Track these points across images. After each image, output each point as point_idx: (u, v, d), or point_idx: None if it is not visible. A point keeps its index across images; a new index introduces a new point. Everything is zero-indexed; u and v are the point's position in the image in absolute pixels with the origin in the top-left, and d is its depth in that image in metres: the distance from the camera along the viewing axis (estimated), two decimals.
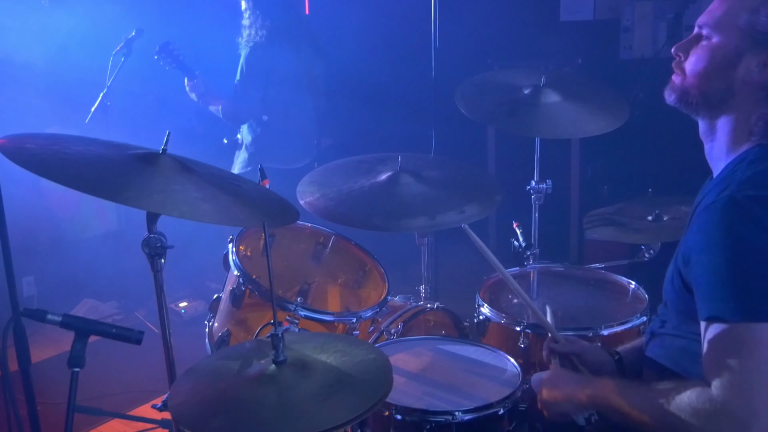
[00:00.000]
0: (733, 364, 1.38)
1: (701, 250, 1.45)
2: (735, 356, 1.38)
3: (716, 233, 1.42)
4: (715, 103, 1.57)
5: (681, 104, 1.62)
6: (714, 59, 1.55)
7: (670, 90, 1.64)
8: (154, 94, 4.51)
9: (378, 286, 2.60)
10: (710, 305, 1.42)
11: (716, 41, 1.55)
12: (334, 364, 1.54)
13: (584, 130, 2.69)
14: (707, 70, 1.56)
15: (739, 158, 1.54)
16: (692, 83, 1.59)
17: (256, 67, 3.63)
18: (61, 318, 1.82)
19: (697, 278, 1.46)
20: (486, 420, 1.80)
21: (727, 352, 1.39)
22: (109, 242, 4.50)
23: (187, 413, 1.45)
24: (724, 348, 1.40)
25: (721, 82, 1.55)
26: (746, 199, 1.42)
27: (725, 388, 1.38)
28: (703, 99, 1.58)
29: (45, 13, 4.20)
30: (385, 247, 2.85)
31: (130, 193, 1.60)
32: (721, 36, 1.54)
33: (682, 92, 1.61)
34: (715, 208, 1.44)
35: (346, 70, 4.45)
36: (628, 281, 2.62)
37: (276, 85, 3.68)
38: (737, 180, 1.47)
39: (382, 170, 2.45)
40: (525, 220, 2.81)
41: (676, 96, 1.62)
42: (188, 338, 3.07)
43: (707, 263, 1.43)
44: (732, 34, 1.53)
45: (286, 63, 3.69)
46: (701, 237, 1.45)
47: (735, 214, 1.41)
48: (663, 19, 4.46)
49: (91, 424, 3.18)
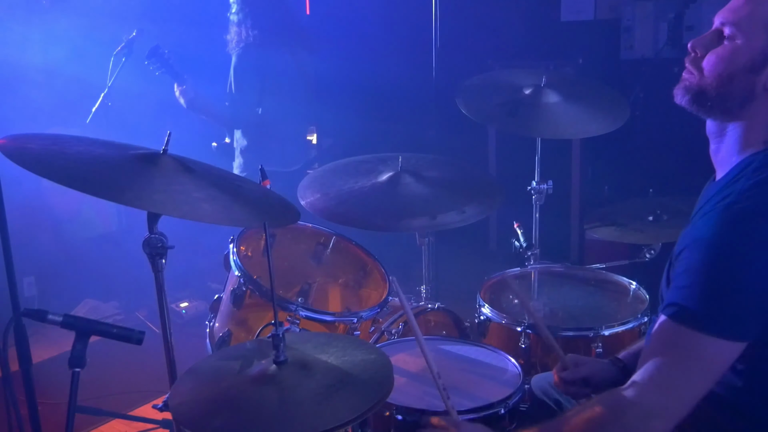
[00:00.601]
0: (669, 363, 1.43)
1: (689, 252, 1.45)
2: (674, 357, 1.43)
3: (706, 240, 1.42)
4: (733, 106, 1.50)
5: (695, 105, 1.54)
6: (738, 62, 1.47)
7: (683, 90, 1.55)
8: (155, 94, 4.50)
9: (379, 286, 2.60)
10: (677, 305, 1.44)
11: (741, 43, 1.47)
12: (335, 364, 1.54)
13: (585, 130, 2.69)
14: (730, 73, 1.48)
15: (745, 163, 1.50)
16: (711, 84, 1.51)
17: (250, 69, 3.54)
18: (62, 318, 1.82)
19: (676, 276, 1.47)
20: (487, 420, 1.80)
21: (669, 350, 1.43)
22: (109, 242, 4.50)
23: (188, 413, 1.45)
24: (667, 345, 1.44)
25: (743, 85, 1.48)
26: (742, 212, 1.41)
27: (649, 381, 1.44)
28: (720, 101, 1.51)
29: (45, 13, 4.20)
30: (385, 247, 2.85)
31: (130, 194, 1.60)
32: (747, 38, 1.47)
33: (699, 92, 1.52)
34: (714, 215, 1.43)
35: (346, 70, 4.44)
36: (629, 281, 2.62)
37: (271, 87, 3.59)
38: (738, 190, 1.45)
39: (383, 170, 2.45)
40: (526, 220, 2.81)
41: (691, 96, 1.54)
42: (189, 338, 3.06)
43: (688, 265, 1.44)
44: (759, 37, 1.46)
45: (281, 64, 3.60)
46: (692, 240, 1.45)
47: (728, 225, 1.40)
48: (664, 19, 4.45)
49: (91, 424, 3.18)
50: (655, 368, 1.45)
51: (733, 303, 1.39)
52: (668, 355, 1.44)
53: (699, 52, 1.53)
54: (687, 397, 1.43)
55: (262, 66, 3.56)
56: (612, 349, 2.16)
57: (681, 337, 1.42)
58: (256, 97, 3.59)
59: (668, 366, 1.43)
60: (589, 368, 1.88)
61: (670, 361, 1.43)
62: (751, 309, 1.39)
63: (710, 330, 1.39)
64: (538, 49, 4.82)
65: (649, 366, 1.46)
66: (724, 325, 1.39)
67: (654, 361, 1.45)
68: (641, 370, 1.48)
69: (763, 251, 1.37)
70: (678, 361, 1.43)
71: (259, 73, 3.56)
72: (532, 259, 2.74)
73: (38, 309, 1.81)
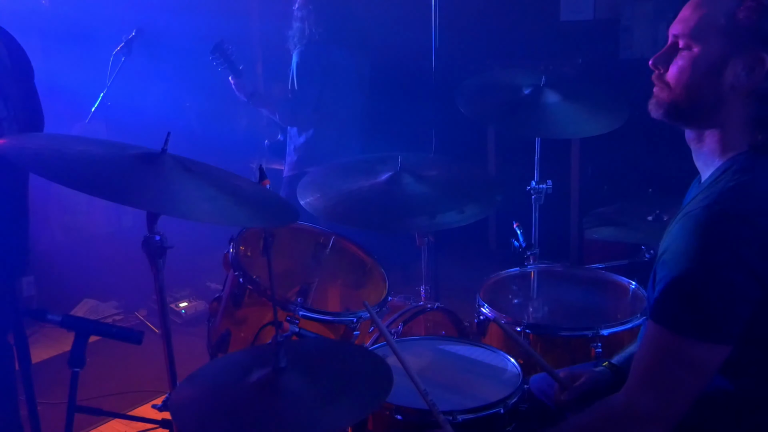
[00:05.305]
0: (660, 368, 1.45)
1: (670, 254, 1.46)
2: (664, 362, 1.45)
3: (687, 242, 1.42)
4: (706, 112, 1.53)
5: (670, 118, 1.57)
6: (699, 69, 1.50)
7: (656, 105, 1.59)
8: (154, 94, 4.51)
9: (378, 286, 2.60)
10: (660, 309, 1.45)
11: (697, 50, 1.50)
12: (335, 369, 1.54)
13: (584, 130, 2.70)
14: (694, 81, 1.51)
15: (726, 165, 1.52)
16: (680, 95, 1.54)
17: (312, 66, 3.53)
18: (62, 318, 1.83)
19: (660, 280, 1.48)
20: (486, 420, 1.80)
21: (658, 355, 1.45)
22: (109, 242, 4.50)
23: (189, 421, 1.45)
24: (656, 350, 1.46)
25: (710, 91, 1.50)
26: (721, 214, 1.41)
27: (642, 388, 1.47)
28: (693, 110, 1.54)
29: (45, 12, 4.20)
30: (385, 247, 2.84)
31: (130, 193, 1.60)
32: (702, 44, 1.50)
33: (671, 105, 1.56)
34: (693, 216, 1.44)
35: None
36: (629, 281, 2.62)
37: (331, 86, 3.58)
38: (718, 191, 1.46)
39: (383, 170, 2.45)
40: (525, 220, 2.81)
41: (664, 111, 1.57)
42: (188, 338, 3.07)
43: (670, 268, 1.44)
44: (712, 41, 1.48)
45: (342, 62, 3.59)
46: (673, 242, 1.46)
47: (708, 227, 1.41)
48: (663, 19, 4.45)
49: (91, 424, 3.18)
50: (648, 374, 1.47)
51: (715, 306, 1.40)
52: (658, 360, 1.46)
53: (661, 69, 1.57)
54: (680, 401, 1.45)
55: (323, 64, 3.55)
56: (611, 349, 2.16)
57: (668, 341, 1.44)
58: (317, 95, 3.57)
59: (659, 371, 1.46)
60: (587, 382, 1.86)
61: (660, 366, 1.45)
62: (732, 311, 1.40)
63: (695, 334, 1.41)
64: (537, 49, 4.82)
65: (641, 372, 1.49)
66: (707, 328, 1.41)
67: (645, 367, 1.48)
68: (634, 377, 1.50)
69: (742, 253, 1.38)
70: (667, 366, 1.44)
71: (321, 70, 3.55)
72: (531, 259, 2.74)
73: (38, 309, 1.82)
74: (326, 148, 3.64)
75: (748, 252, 1.38)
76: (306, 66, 3.54)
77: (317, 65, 3.54)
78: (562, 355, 2.28)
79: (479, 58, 4.69)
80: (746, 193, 1.44)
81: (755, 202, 1.43)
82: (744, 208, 1.42)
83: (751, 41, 1.46)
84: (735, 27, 1.46)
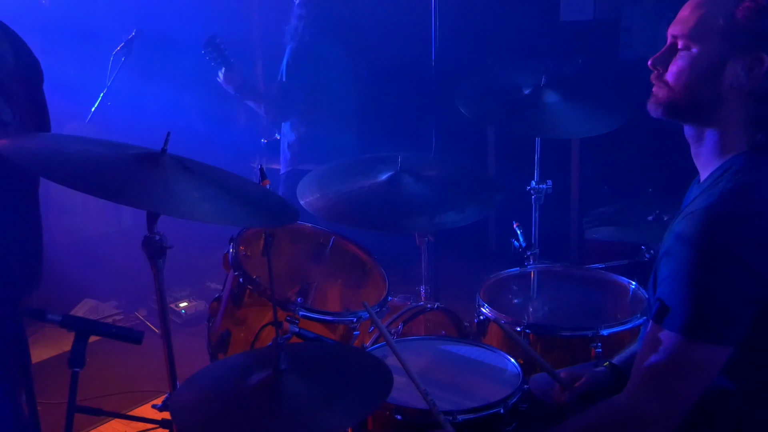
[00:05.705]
0: (661, 369, 1.45)
1: (672, 255, 1.46)
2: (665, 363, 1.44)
3: (688, 243, 1.42)
4: (705, 112, 1.53)
5: (669, 116, 1.58)
6: (698, 70, 1.51)
7: (655, 104, 1.59)
8: (154, 94, 4.51)
9: (378, 286, 2.60)
10: (662, 311, 1.45)
11: (696, 51, 1.51)
12: (334, 371, 1.54)
13: (584, 130, 2.70)
14: (693, 81, 1.52)
15: (726, 165, 1.52)
16: (680, 94, 1.54)
17: (303, 62, 3.54)
18: (61, 318, 1.82)
19: (662, 281, 1.48)
20: (486, 420, 1.80)
21: (659, 357, 1.45)
22: (109, 242, 4.50)
23: (190, 424, 1.45)
24: (658, 351, 1.46)
25: (710, 91, 1.51)
26: (724, 215, 1.42)
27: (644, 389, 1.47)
28: (692, 109, 1.55)
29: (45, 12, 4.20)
30: (385, 247, 2.85)
31: (130, 193, 1.60)
32: (701, 45, 1.50)
33: (670, 104, 1.56)
34: (694, 217, 1.44)
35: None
36: (629, 281, 2.62)
37: (322, 83, 3.59)
38: (719, 191, 1.46)
39: (382, 170, 2.44)
40: (525, 220, 2.81)
41: (663, 109, 1.58)
42: (188, 338, 3.07)
43: (672, 269, 1.45)
44: (711, 42, 1.49)
45: (335, 61, 3.60)
46: (674, 243, 1.46)
47: (709, 228, 1.41)
48: (663, 19, 4.45)
49: (91, 424, 3.18)
50: (649, 375, 1.47)
51: (716, 307, 1.40)
52: (659, 361, 1.46)
53: (660, 69, 1.58)
54: (682, 401, 1.45)
55: (315, 61, 3.56)
56: (611, 349, 2.16)
57: (669, 342, 1.44)
58: (304, 90, 3.57)
59: (660, 372, 1.46)
60: (587, 383, 1.86)
61: (661, 367, 1.45)
62: (735, 312, 1.40)
63: (696, 335, 1.41)
64: (537, 48, 4.82)
65: (642, 373, 1.49)
66: (709, 329, 1.41)
67: (647, 368, 1.48)
68: (635, 378, 1.51)
69: (743, 254, 1.38)
70: (669, 367, 1.45)
71: (312, 68, 3.56)
72: (531, 259, 2.74)
73: (37, 308, 1.81)
74: (319, 146, 3.66)
75: (748, 252, 1.38)
76: (296, 61, 3.55)
77: (308, 62, 3.55)
78: (562, 355, 2.28)
79: (479, 58, 4.69)
80: (746, 193, 1.44)
81: (755, 202, 1.43)
82: (744, 208, 1.42)
83: (749, 41, 1.46)
84: (734, 27, 1.47)
